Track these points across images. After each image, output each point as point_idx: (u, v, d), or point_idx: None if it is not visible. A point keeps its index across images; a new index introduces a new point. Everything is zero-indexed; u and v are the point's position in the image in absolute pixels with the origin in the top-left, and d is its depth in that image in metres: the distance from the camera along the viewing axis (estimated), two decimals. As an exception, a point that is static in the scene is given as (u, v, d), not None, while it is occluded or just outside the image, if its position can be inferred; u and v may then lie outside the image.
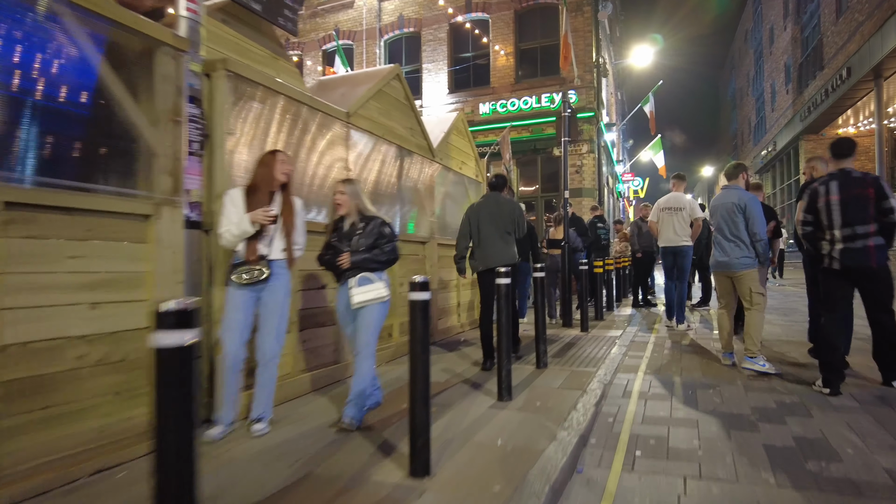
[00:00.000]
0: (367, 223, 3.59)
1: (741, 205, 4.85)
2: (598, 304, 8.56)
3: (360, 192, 3.68)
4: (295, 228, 3.42)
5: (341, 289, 3.63)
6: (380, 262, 3.54)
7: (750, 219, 4.80)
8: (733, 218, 4.88)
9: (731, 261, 4.88)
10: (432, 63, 16.91)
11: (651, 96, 20.80)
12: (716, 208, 5.08)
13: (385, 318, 3.61)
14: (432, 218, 6.85)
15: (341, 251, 3.54)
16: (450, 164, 7.38)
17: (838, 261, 4.10)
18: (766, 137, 29.92)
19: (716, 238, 5.11)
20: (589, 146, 14.84)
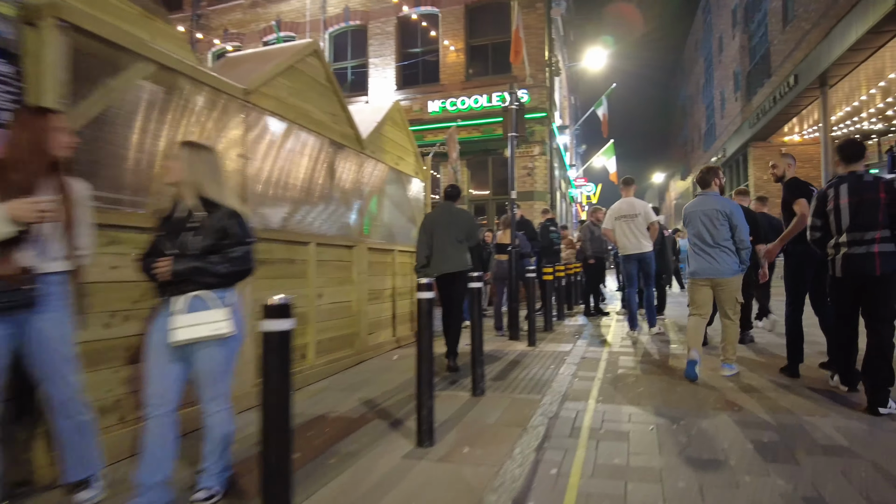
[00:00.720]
0: (210, 214, 2.45)
1: (726, 212, 4.73)
2: (548, 314, 7.89)
3: (209, 164, 2.54)
4: (78, 225, 2.43)
5: (161, 314, 2.45)
6: (219, 275, 2.40)
7: (737, 227, 4.70)
8: (716, 225, 4.74)
9: (721, 267, 4.75)
10: (379, 58, 16.05)
11: (604, 99, 20.54)
12: (693, 214, 4.90)
13: (234, 359, 2.52)
14: (361, 219, 6.01)
15: (162, 253, 2.43)
16: (383, 159, 6.56)
17: (841, 268, 3.90)
18: (715, 144, 30.34)
19: (694, 245, 4.93)
20: (541, 148, 14.28)
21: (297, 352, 4.87)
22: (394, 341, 6.76)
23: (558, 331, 7.90)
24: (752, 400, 4.03)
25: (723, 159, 27.44)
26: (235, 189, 4.10)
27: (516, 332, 7.06)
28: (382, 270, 6.56)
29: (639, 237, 7.03)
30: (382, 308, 6.54)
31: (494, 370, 5.21)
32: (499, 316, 7.61)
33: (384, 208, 6.70)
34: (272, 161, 4.61)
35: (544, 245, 9.76)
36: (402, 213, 7.17)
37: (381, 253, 6.53)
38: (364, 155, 6.07)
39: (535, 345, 6.52)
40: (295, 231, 4.88)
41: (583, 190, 29.37)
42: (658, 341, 6.86)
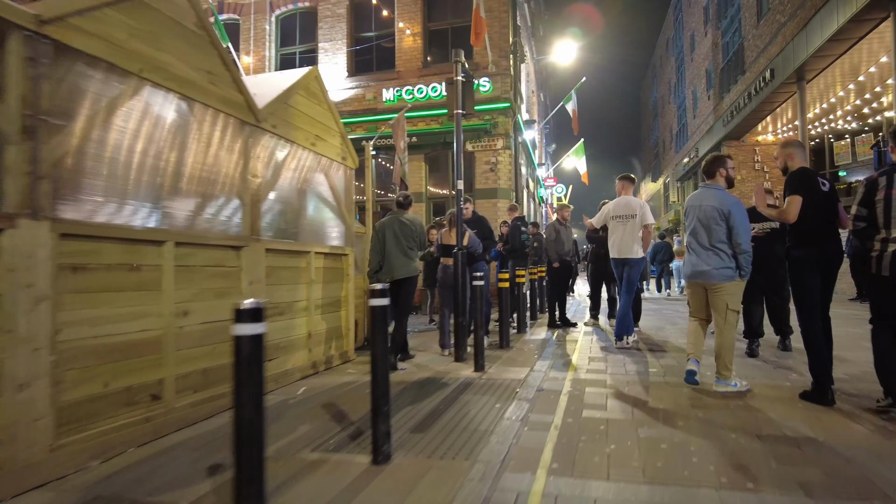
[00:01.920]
0: None
1: (724, 210, 4.26)
2: (504, 329, 6.64)
3: None
4: None
5: None
6: None
7: (734, 228, 4.23)
8: (712, 224, 4.31)
9: (710, 270, 4.34)
10: (329, 42, 14.67)
11: (574, 94, 19.49)
12: (691, 209, 4.48)
13: None
14: (256, 212, 4.67)
15: None
16: (292, 137, 5.22)
17: (888, 266, 3.50)
18: (688, 144, 29.72)
19: (689, 244, 4.52)
20: (504, 141, 13.08)
21: (145, 391, 3.51)
22: (308, 367, 5.42)
23: (516, 348, 6.65)
24: (772, 461, 2.82)
25: (695, 159, 26.75)
26: (19, 164, 2.75)
27: (463, 352, 5.79)
28: (292, 278, 5.22)
29: (629, 242, 6.47)
30: (291, 326, 5.20)
31: (420, 412, 3.92)
32: (444, 332, 6.33)
33: (294, 200, 5.36)
34: (100, 127, 3.24)
35: (514, 247, 8.53)
36: (323, 207, 5.84)
37: (290, 256, 5.19)
38: (260, 129, 4.72)
39: (484, 369, 5.26)
40: (139, 226, 3.52)
41: (553, 190, 28.36)
42: (634, 361, 5.67)
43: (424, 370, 5.42)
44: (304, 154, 5.46)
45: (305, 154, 5.49)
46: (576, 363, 5.64)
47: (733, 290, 4.32)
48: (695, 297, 4.60)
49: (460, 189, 5.93)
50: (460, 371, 5.30)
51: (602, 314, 9.09)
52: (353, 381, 5.07)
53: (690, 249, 4.50)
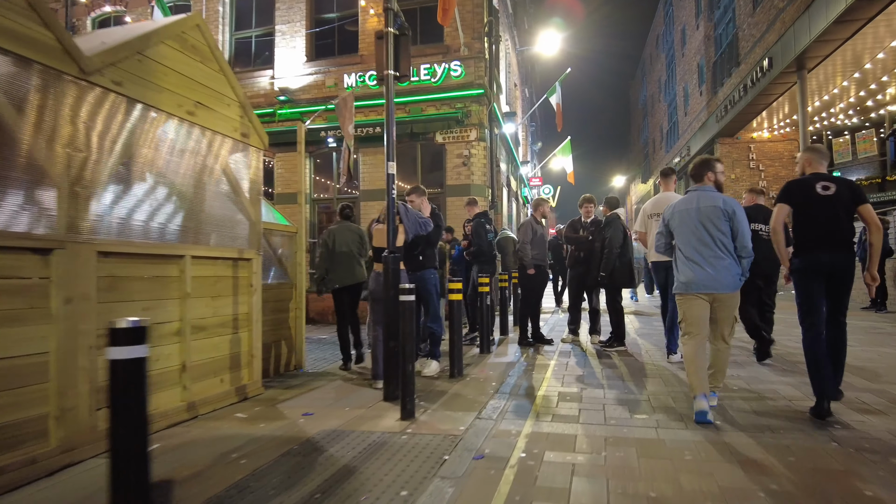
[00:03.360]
0: None
1: (728, 212, 3.92)
2: (455, 353, 5.27)
3: None
4: None
5: None
6: None
7: (739, 230, 3.93)
8: (718, 225, 3.92)
9: (723, 279, 3.90)
10: (287, 24, 13.27)
11: (558, 86, 18.23)
12: (684, 214, 4.06)
13: None
14: (78, 200, 3.28)
15: None
16: (153, 101, 3.84)
17: None
18: (679, 143, 28.62)
19: (687, 250, 4.03)
20: (478, 132, 11.74)
21: None
22: (181, 410, 4.03)
23: (471, 377, 5.29)
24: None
25: (687, 157, 25.59)
26: None
27: (395, 389, 4.41)
28: (152, 292, 3.83)
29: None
30: (156, 355, 3.81)
31: (286, 503, 2.54)
32: (376, 359, 4.95)
33: (159, 186, 3.97)
34: None
35: (481, 249, 7.21)
36: (210, 197, 4.45)
37: (148, 262, 3.80)
38: (89, 85, 3.33)
39: (414, 416, 3.88)
40: None
41: (539, 190, 27.07)
42: (617, 395, 4.31)
43: (334, 415, 4.05)
44: (174, 125, 4.07)
45: (177, 125, 4.09)
46: (541, 402, 4.26)
47: (738, 298, 4.06)
48: (696, 310, 3.97)
49: (391, 174, 4.56)
50: (380, 419, 3.91)
51: (583, 328, 7.74)
52: (235, 434, 3.69)
53: (689, 258, 4.00)
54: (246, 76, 13.49)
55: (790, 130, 19.22)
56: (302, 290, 6.48)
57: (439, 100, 11.85)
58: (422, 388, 4.90)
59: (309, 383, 5.35)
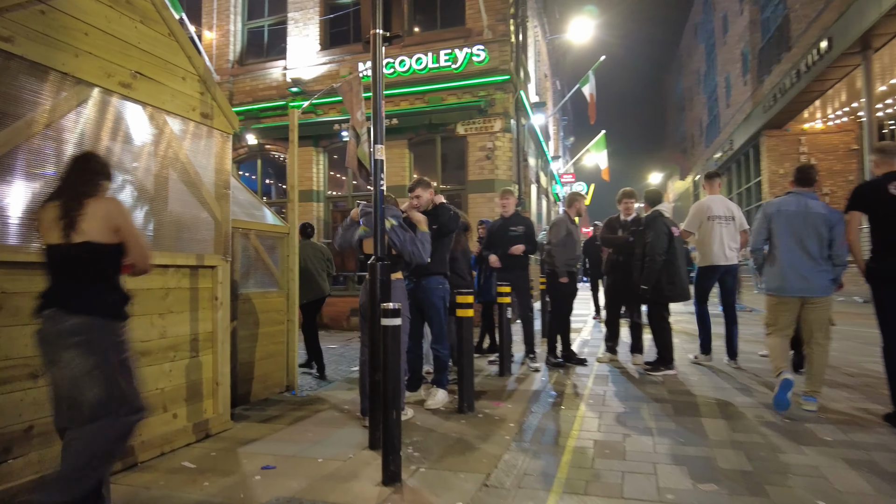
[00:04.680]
0: None
1: (833, 219, 4.09)
2: (465, 382, 4.29)
3: None
4: None
5: None
6: None
7: (837, 240, 4.08)
8: (821, 232, 4.08)
9: (818, 283, 4.10)
10: (300, 12, 12.48)
11: (591, 75, 17.06)
12: (792, 216, 4.17)
13: None
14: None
15: None
16: (67, 68, 2.97)
17: None
18: (719, 138, 26.99)
19: (781, 253, 4.17)
20: (503, 122, 10.71)
21: None
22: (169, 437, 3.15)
23: (484, 414, 4.30)
24: None
25: (729, 152, 24.02)
26: None
27: (378, 434, 3.44)
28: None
29: (733, 247, 5.90)
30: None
31: None
32: (362, 390, 4.01)
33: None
34: None
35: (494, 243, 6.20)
36: (151, 193, 3.58)
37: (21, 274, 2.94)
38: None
39: (401, 479, 2.92)
40: None
41: (570, 188, 25.82)
42: (671, 446, 3.29)
43: (299, 470, 3.12)
44: (99, 100, 3.20)
45: (104, 100, 3.23)
46: (571, 459, 3.26)
47: (831, 302, 4.21)
48: (788, 313, 4.24)
49: (380, 159, 3.62)
50: (356, 480, 2.97)
51: (622, 346, 6.66)
52: (161, 499, 2.80)
53: (785, 260, 4.19)
54: (258, 68, 12.79)
55: (847, 121, 17.59)
56: (294, 298, 5.61)
57: (460, 88, 10.87)
58: (422, 425, 3.96)
59: (291, 413, 4.46)
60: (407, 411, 4.11)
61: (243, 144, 12.47)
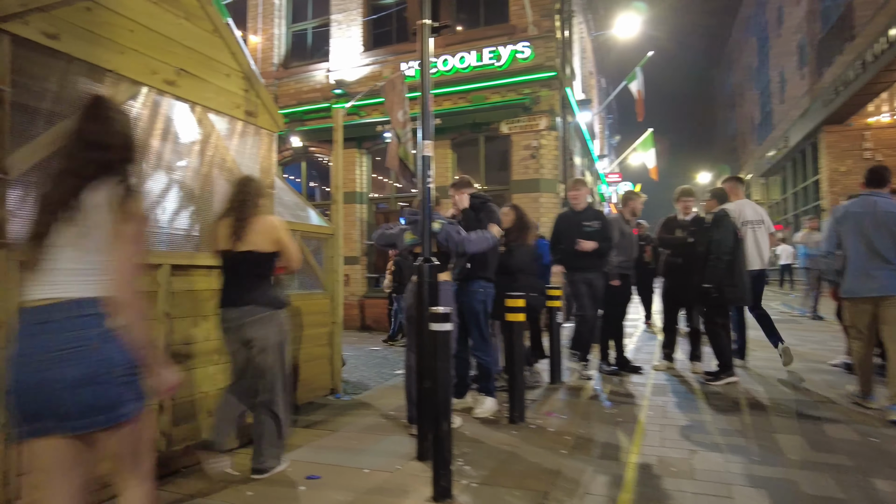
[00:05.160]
0: None
1: None
2: (516, 392, 4.07)
3: None
4: None
5: None
6: None
7: None
8: (893, 231, 4.01)
9: (886, 282, 4.01)
10: (343, 13, 12.50)
11: (639, 71, 16.53)
12: (859, 217, 4.14)
13: None
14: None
15: None
16: (113, 65, 2.92)
17: None
18: (773, 135, 25.85)
19: (854, 255, 4.15)
20: (549, 120, 10.42)
21: None
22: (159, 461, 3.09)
23: (536, 425, 4.07)
24: None
25: (784, 150, 22.94)
26: None
27: (426, 445, 3.27)
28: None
29: (765, 251, 5.85)
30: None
31: None
32: (409, 397, 3.85)
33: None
34: None
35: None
36: (196, 192, 3.51)
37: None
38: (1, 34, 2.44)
39: (452, 495, 2.73)
40: None
41: (616, 188, 25.17)
42: (746, 468, 2.99)
43: (346, 482, 2.98)
44: (145, 97, 3.14)
45: (149, 98, 3.17)
46: (635, 477, 3.00)
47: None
48: (865, 315, 4.18)
49: (428, 155, 3.44)
50: (406, 495, 2.79)
51: (681, 352, 6.29)
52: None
53: (857, 262, 4.14)
54: (302, 70, 12.88)
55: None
56: (339, 300, 5.52)
57: (504, 86, 10.63)
58: (470, 435, 3.76)
59: (335, 418, 4.34)
60: (454, 419, 3.92)
61: (288, 147, 12.57)
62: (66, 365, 1.56)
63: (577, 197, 5.69)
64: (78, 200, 1.64)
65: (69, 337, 1.59)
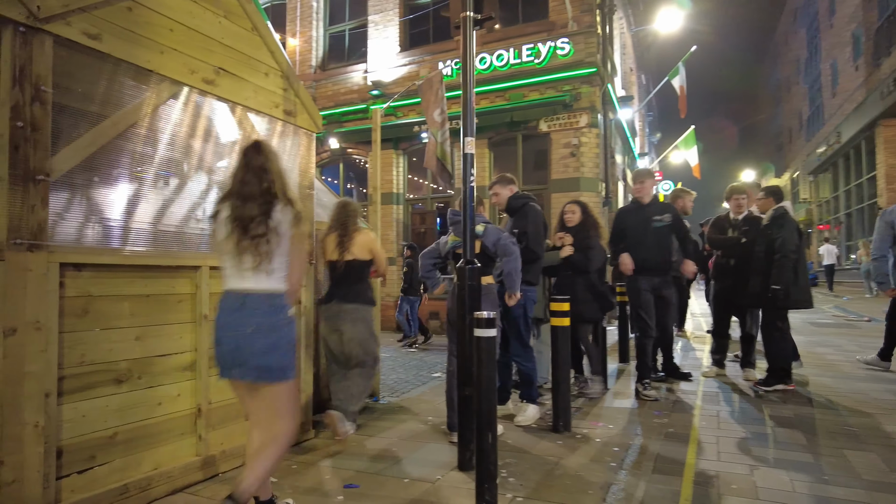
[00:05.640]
0: None
1: None
2: (561, 400, 3.90)
3: None
4: None
5: None
6: None
7: None
8: None
9: None
10: (380, 14, 12.49)
11: (681, 67, 15.99)
12: None
13: None
14: (33, 192, 2.37)
15: None
16: (153, 65, 2.89)
17: None
18: (824, 129, 24.76)
19: None
20: (590, 117, 10.16)
21: None
22: (194, 468, 3.07)
23: (582, 430, 3.90)
24: None
25: (836, 146, 21.94)
26: None
27: (468, 455, 3.14)
28: (155, 314, 2.91)
29: None
30: (151, 399, 2.89)
31: None
32: (450, 403, 3.73)
33: (161, 177, 3.04)
34: None
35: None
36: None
37: (144, 276, 2.89)
38: (46, 35, 2.42)
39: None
40: None
41: (658, 187, 24.51)
42: (813, 487, 2.76)
43: (385, 493, 2.87)
44: (185, 97, 3.11)
45: (189, 98, 3.14)
46: (691, 495, 2.81)
47: None
48: None
49: (469, 153, 3.31)
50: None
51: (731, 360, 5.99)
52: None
53: None
54: (340, 72, 12.93)
55: None
56: (377, 302, 5.44)
57: (543, 83, 10.43)
58: (514, 444, 3.62)
59: (374, 423, 4.26)
60: (498, 428, 3.78)
61: (326, 149, 12.63)
62: (258, 337, 2.26)
63: (642, 190, 5.12)
64: (265, 218, 2.28)
65: (261, 319, 2.27)
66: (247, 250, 2.26)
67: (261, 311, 2.27)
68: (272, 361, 2.26)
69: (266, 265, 2.28)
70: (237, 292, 2.31)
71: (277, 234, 2.29)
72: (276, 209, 2.31)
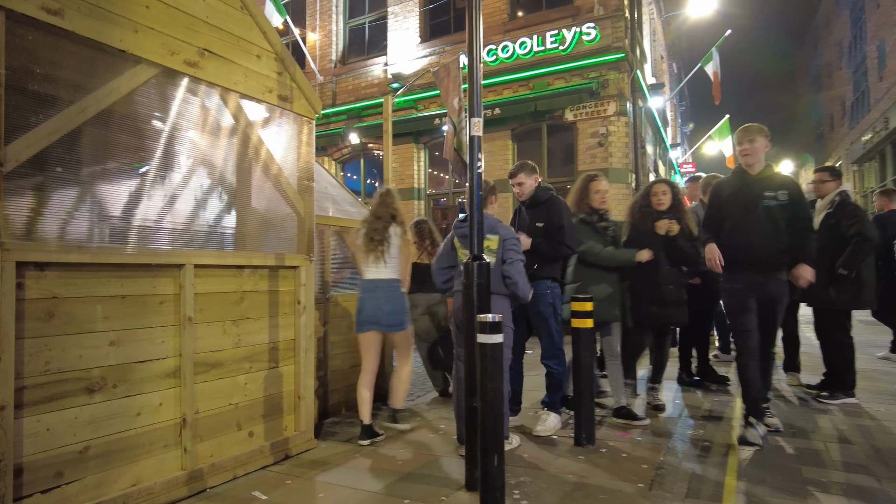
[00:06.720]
0: None
1: None
2: (584, 410, 3.53)
3: None
4: None
5: None
6: None
7: None
8: None
9: None
10: (399, 5, 12.20)
11: (715, 52, 15.27)
12: None
13: None
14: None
15: None
16: (126, 45, 2.63)
17: None
18: (869, 116, 23.53)
19: None
20: (618, 105, 9.68)
21: None
22: (178, 482, 2.82)
23: (608, 443, 3.54)
24: None
25: (883, 133, 20.80)
26: None
27: (476, 474, 2.80)
28: (133, 317, 2.67)
29: None
30: (127, 409, 2.64)
31: None
32: (458, 414, 3.40)
33: (135, 168, 2.80)
34: None
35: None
36: (224, 185, 3.21)
37: (120, 276, 2.64)
38: None
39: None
40: None
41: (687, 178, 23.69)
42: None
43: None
44: (163, 80, 2.86)
45: (168, 80, 2.88)
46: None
47: None
48: None
49: (477, 135, 2.99)
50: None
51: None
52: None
53: None
54: (360, 66, 12.71)
55: None
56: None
57: (569, 70, 10.00)
58: (530, 459, 3.28)
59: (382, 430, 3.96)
60: (511, 439, 3.45)
61: (347, 144, 12.43)
62: (387, 305, 3.76)
63: (750, 152, 3.61)
64: (386, 233, 3.80)
65: (389, 295, 3.78)
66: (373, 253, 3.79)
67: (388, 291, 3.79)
68: (394, 319, 3.78)
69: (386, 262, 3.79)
70: (372, 280, 3.81)
71: (393, 243, 3.81)
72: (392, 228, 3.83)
